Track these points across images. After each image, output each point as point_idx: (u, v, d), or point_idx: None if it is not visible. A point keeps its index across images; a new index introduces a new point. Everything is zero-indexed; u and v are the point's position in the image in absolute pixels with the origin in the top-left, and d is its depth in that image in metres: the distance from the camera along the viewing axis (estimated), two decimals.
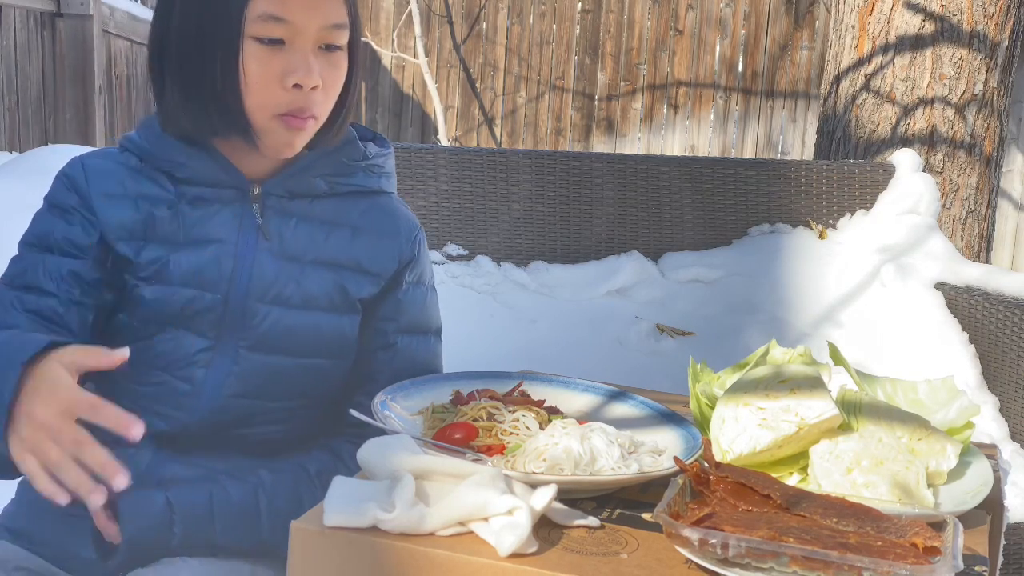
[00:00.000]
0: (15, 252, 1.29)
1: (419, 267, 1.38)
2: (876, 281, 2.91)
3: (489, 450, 1.11)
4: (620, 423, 1.19)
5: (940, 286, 2.87)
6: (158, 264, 1.25)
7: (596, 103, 6.31)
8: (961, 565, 0.88)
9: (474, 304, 2.71)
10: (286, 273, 1.28)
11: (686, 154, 6.20)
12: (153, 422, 1.20)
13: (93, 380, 1.17)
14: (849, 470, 1.07)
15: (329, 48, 1.23)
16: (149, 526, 1.17)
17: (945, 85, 3.51)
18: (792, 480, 1.11)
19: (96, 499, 1.01)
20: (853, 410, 1.15)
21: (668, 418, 1.25)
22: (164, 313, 1.25)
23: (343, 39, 1.24)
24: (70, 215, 1.26)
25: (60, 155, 2.80)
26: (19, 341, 1.10)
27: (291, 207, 1.30)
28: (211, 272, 1.26)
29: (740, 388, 1.15)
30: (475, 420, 1.17)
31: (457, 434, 1.14)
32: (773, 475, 1.06)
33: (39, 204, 1.31)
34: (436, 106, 6.06)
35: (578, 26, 6.26)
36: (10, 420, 1.04)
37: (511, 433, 1.14)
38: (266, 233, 1.28)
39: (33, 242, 1.27)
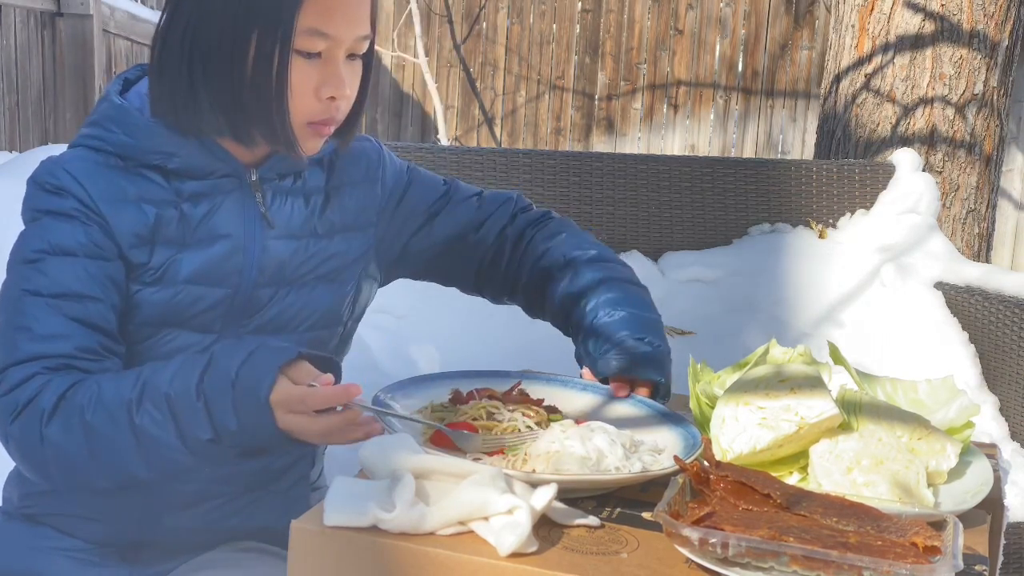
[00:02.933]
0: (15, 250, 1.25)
1: (394, 172, 1.44)
2: (876, 281, 2.91)
3: None
4: (620, 422, 1.19)
5: (940, 286, 2.86)
6: (166, 266, 1.24)
7: (596, 103, 6.31)
8: (961, 565, 0.88)
9: (474, 304, 2.70)
10: (289, 254, 1.31)
11: (686, 154, 6.19)
12: None
13: None
14: (849, 469, 1.07)
15: (352, 57, 1.24)
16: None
17: (945, 85, 3.51)
18: (792, 480, 1.11)
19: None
20: (853, 410, 1.15)
21: (668, 418, 1.24)
22: (166, 315, 1.24)
23: (365, 48, 1.26)
24: (79, 220, 1.21)
25: None
26: (264, 354, 1.08)
27: (282, 186, 1.33)
28: (220, 268, 1.26)
29: (740, 388, 1.15)
30: (475, 419, 1.17)
31: None
32: (773, 474, 1.06)
33: None
34: (436, 106, 6.06)
35: (578, 26, 6.26)
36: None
37: (511, 432, 1.14)
38: (270, 222, 1.30)
39: (48, 250, 1.19)
